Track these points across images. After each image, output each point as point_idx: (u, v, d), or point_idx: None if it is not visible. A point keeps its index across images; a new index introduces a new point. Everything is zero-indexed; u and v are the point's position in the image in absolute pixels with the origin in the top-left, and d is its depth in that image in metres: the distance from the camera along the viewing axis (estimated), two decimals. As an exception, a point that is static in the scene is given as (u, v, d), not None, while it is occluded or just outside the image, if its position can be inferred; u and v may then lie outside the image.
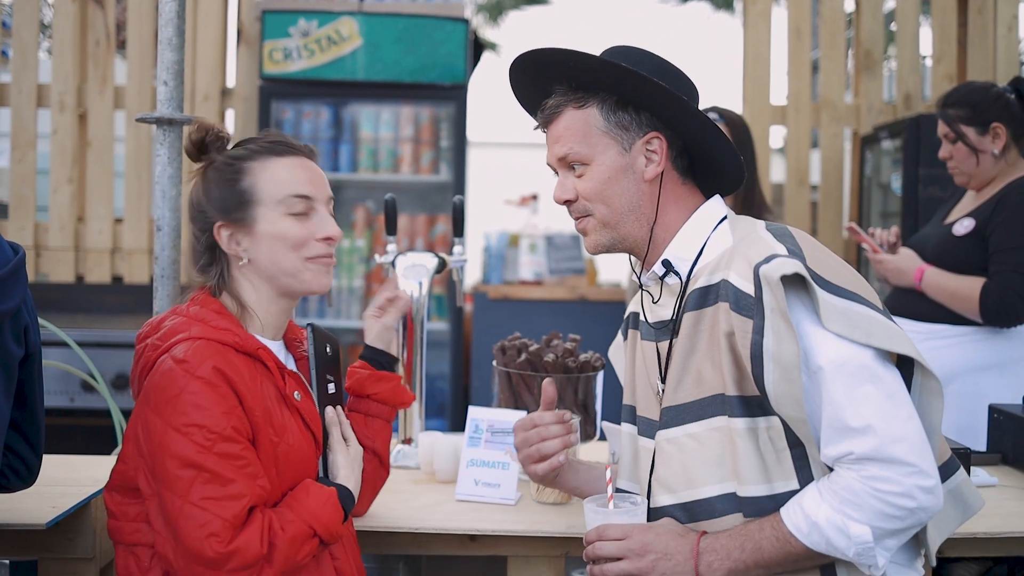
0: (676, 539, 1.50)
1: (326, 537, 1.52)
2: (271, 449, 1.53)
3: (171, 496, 1.44)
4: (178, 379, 1.47)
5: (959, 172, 2.81)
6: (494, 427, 2.04)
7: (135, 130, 4.50)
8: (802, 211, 4.61)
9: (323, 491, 1.55)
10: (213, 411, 1.46)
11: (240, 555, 1.42)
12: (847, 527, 1.40)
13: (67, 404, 3.77)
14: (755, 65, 4.65)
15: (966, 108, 2.77)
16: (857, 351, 1.43)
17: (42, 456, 1.70)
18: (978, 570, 1.98)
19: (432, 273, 2.33)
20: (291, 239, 1.58)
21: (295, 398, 1.59)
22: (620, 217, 1.58)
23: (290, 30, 4.31)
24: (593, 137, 1.57)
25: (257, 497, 1.47)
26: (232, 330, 1.55)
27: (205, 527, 1.42)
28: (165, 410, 1.46)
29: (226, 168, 1.60)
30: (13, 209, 4.49)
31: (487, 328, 4.39)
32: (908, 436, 1.40)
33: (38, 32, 4.56)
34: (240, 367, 1.52)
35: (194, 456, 1.44)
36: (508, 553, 1.86)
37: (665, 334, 1.60)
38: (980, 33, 4.56)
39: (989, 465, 2.24)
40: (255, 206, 1.58)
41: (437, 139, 4.54)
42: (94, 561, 1.91)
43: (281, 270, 1.60)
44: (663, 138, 1.57)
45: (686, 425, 1.53)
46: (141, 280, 4.47)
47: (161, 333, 1.57)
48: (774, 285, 1.42)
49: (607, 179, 1.57)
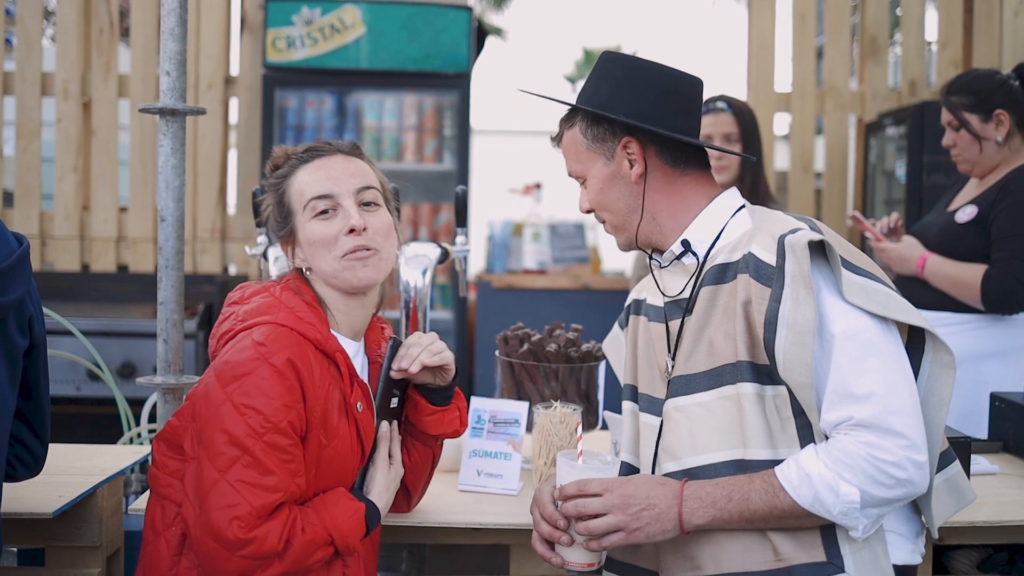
0: (657, 487, 1.52)
1: (342, 549, 1.53)
2: (317, 450, 1.53)
3: (210, 467, 1.46)
4: (252, 359, 1.49)
5: (962, 160, 2.80)
6: (496, 417, 2.04)
7: (139, 119, 4.50)
8: (806, 198, 4.60)
9: (351, 504, 1.56)
10: (276, 401, 1.47)
11: (257, 544, 1.43)
12: (838, 485, 1.44)
13: (73, 393, 3.79)
14: (759, 52, 4.64)
15: (970, 95, 2.76)
16: (870, 324, 1.49)
17: (48, 445, 1.71)
18: (978, 558, 1.99)
19: (435, 263, 2.33)
20: (320, 240, 1.61)
21: (357, 408, 1.60)
22: (624, 219, 1.67)
23: (293, 18, 4.31)
24: (581, 153, 1.68)
25: (291, 495, 1.49)
26: (316, 326, 1.57)
27: (233, 508, 1.43)
28: (231, 384, 1.48)
29: (273, 190, 1.67)
30: (18, 198, 4.50)
31: (491, 317, 4.40)
32: (907, 410, 1.45)
33: (42, 20, 4.56)
34: (313, 364, 1.53)
35: (243, 438, 1.45)
36: (511, 543, 1.87)
37: (678, 312, 1.64)
38: (986, 18, 4.54)
39: (990, 453, 2.24)
40: (293, 217, 1.64)
41: (440, 128, 4.54)
42: (100, 549, 1.93)
43: (325, 272, 1.62)
44: (636, 140, 1.63)
45: (695, 394, 1.56)
46: (146, 269, 4.48)
47: (250, 307, 1.59)
48: (799, 250, 1.48)
49: (601, 189, 1.67)
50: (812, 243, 1.50)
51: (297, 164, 1.66)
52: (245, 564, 1.44)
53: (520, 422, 2.02)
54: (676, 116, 1.62)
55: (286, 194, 1.65)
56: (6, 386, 1.55)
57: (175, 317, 2.07)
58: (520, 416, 2.03)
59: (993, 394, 2.37)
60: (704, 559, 1.52)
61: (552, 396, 2.12)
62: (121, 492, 2.09)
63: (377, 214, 1.64)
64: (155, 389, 2.12)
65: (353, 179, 1.63)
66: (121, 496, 2.09)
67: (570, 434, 1.93)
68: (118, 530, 2.05)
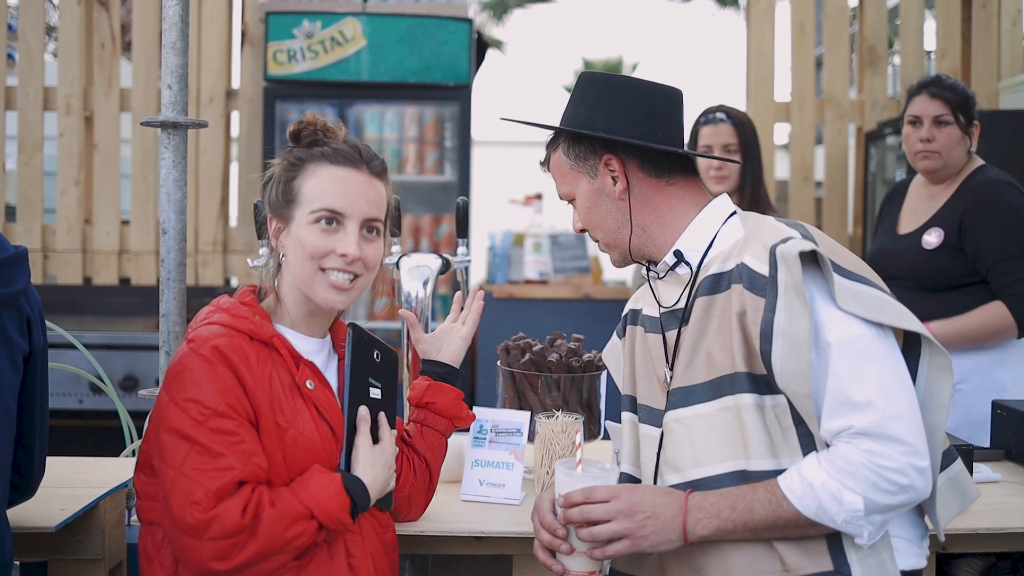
0: (662, 497, 1.51)
1: (325, 521, 1.51)
2: (277, 434, 1.54)
3: (166, 467, 1.48)
4: (184, 357, 1.54)
5: (937, 157, 2.72)
6: (498, 427, 2.05)
7: (141, 132, 4.52)
8: (806, 208, 4.61)
9: (326, 475, 1.55)
10: (208, 388, 1.50)
11: (218, 523, 1.43)
12: (841, 494, 1.44)
13: (76, 406, 3.79)
14: (759, 62, 4.65)
15: (960, 97, 2.72)
16: (866, 330, 1.49)
17: (43, 467, 1.69)
18: (981, 566, 1.98)
19: (436, 274, 2.34)
20: (309, 248, 1.60)
21: (307, 387, 1.61)
22: (614, 236, 1.68)
23: (294, 31, 4.33)
24: (567, 174, 1.70)
25: (250, 474, 1.49)
26: (248, 318, 1.59)
27: (190, 495, 1.45)
28: (171, 386, 1.53)
29: (288, 165, 1.65)
30: (21, 212, 4.51)
31: (492, 327, 4.40)
32: (907, 416, 1.45)
33: (44, 35, 4.59)
34: (247, 351, 1.55)
35: (188, 429, 1.48)
36: (513, 552, 1.87)
37: (674, 323, 1.64)
38: (984, 28, 4.55)
39: (993, 461, 2.24)
40: (296, 207, 1.62)
41: (441, 139, 4.55)
42: (103, 562, 1.93)
43: (297, 274, 1.62)
44: (616, 156, 1.65)
45: (695, 405, 1.56)
46: (148, 282, 4.49)
47: (194, 322, 1.63)
48: (791, 261, 1.48)
49: (589, 207, 1.69)
50: (803, 253, 1.50)
51: (322, 159, 1.63)
52: (216, 546, 1.44)
53: (522, 432, 2.02)
54: (655, 127, 1.64)
55: (299, 180, 1.62)
56: (8, 390, 1.53)
57: (177, 329, 2.08)
58: (522, 426, 2.03)
59: (995, 402, 2.37)
60: (711, 570, 1.52)
61: (554, 406, 2.12)
62: (123, 504, 2.09)
63: (374, 244, 1.64)
64: (157, 401, 2.12)
65: (368, 206, 1.63)
66: (123, 509, 2.09)
67: (572, 443, 1.93)
68: (120, 543, 2.05)
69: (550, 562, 1.56)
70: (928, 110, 2.74)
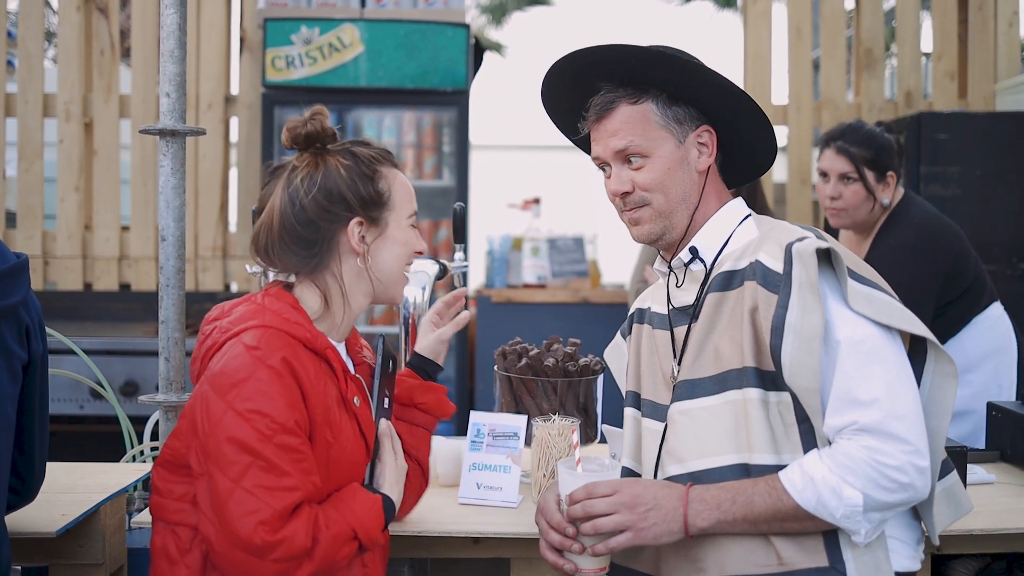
0: (664, 490, 1.53)
1: (366, 542, 1.52)
2: (325, 449, 1.53)
3: (223, 479, 1.44)
4: (247, 364, 1.47)
5: (845, 215, 2.67)
6: (495, 431, 2.06)
7: (140, 138, 4.53)
8: (804, 210, 4.62)
9: (369, 497, 1.56)
10: (279, 402, 1.46)
11: (286, 545, 1.42)
12: (841, 489, 1.45)
13: (76, 411, 3.81)
14: (756, 64, 4.67)
15: (871, 151, 2.63)
16: (875, 332, 1.51)
17: (43, 471, 1.70)
18: (976, 567, 1.99)
19: (434, 279, 2.35)
20: (412, 247, 1.67)
21: (355, 403, 1.61)
22: (674, 207, 1.65)
23: (292, 38, 4.34)
24: (652, 131, 1.63)
25: (309, 493, 1.48)
26: (304, 325, 1.56)
27: (255, 514, 1.41)
28: (229, 393, 1.46)
29: (364, 165, 1.64)
30: (21, 218, 4.52)
31: (491, 331, 4.42)
32: (910, 416, 1.47)
33: (43, 42, 4.60)
34: (307, 363, 1.52)
35: (254, 443, 1.43)
36: (511, 555, 1.88)
37: (684, 319, 1.66)
38: (981, 30, 4.57)
39: (987, 462, 2.25)
40: (388, 210, 1.64)
41: (439, 144, 4.56)
42: (104, 567, 1.94)
43: (391, 274, 1.65)
44: (712, 131, 1.65)
45: (701, 398, 1.58)
46: (148, 287, 4.50)
47: (232, 317, 1.57)
48: (807, 258, 1.51)
49: (667, 170, 1.63)
50: (819, 251, 1.52)
51: (386, 162, 1.68)
52: (278, 567, 1.43)
53: (519, 435, 2.04)
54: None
55: (387, 182, 1.64)
56: (8, 400, 1.54)
57: (177, 335, 2.09)
58: (519, 429, 2.04)
59: (990, 403, 2.38)
60: (707, 562, 1.53)
61: (551, 410, 2.13)
62: (124, 510, 2.10)
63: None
64: (157, 407, 2.13)
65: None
66: (124, 514, 2.10)
67: (568, 447, 1.95)
68: (121, 548, 2.06)
69: (560, 562, 1.56)
70: (835, 166, 2.68)
